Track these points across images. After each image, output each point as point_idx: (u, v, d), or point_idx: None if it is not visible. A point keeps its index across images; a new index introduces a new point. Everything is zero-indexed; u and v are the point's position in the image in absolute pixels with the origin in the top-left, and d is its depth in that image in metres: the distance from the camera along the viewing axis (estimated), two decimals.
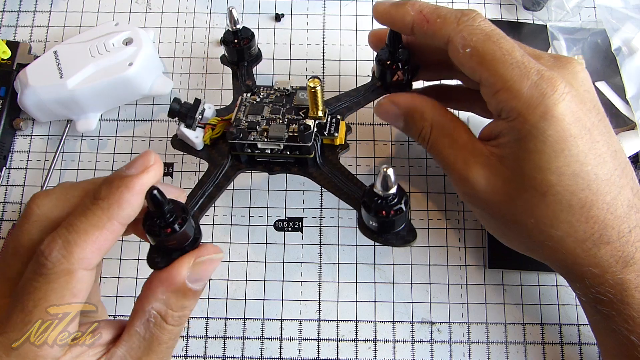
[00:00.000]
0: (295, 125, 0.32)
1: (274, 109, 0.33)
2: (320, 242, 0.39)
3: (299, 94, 0.33)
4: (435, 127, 0.31)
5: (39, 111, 0.39)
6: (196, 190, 0.31)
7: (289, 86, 0.34)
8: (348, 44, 0.43)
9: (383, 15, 0.31)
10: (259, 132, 0.32)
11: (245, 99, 0.34)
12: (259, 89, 0.34)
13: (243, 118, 0.33)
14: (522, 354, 0.37)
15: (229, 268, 0.38)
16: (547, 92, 0.26)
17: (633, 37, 0.41)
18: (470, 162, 0.29)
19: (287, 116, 0.33)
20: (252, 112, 0.33)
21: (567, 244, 0.28)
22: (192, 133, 0.32)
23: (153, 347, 0.25)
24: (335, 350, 0.37)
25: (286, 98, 0.34)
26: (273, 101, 0.34)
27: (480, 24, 0.28)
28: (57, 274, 0.22)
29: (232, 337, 0.37)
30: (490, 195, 0.29)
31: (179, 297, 0.25)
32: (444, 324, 0.37)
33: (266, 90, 0.34)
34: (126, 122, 0.42)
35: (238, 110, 0.33)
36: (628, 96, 0.39)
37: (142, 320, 0.24)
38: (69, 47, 0.39)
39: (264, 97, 0.34)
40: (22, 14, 0.44)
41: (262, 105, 0.33)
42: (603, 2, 0.42)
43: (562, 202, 0.27)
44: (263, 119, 0.32)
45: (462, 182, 0.30)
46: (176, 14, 0.44)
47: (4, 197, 0.40)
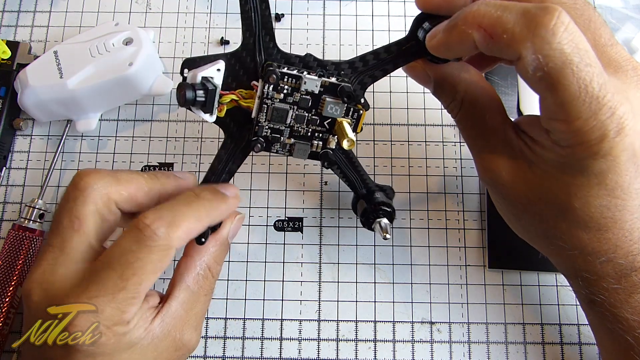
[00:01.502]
0: (319, 141, 0.31)
1: (298, 117, 0.30)
2: (320, 242, 0.39)
3: (328, 106, 0.29)
4: (467, 101, 0.28)
5: (39, 111, 0.39)
6: (215, 165, 0.31)
7: (317, 86, 0.29)
8: (348, 44, 0.43)
9: (440, 47, 0.27)
10: (282, 145, 0.31)
11: (267, 93, 0.29)
12: (283, 80, 0.29)
13: (265, 124, 0.30)
14: (522, 354, 0.37)
15: (229, 268, 0.38)
16: (609, 134, 0.23)
17: (633, 37, 0.41)
18: (498, 151, 0.28)
19: (312, 127, 0.30)
20: (275, 119, 0.30)
21: (572, 254, 0.28)
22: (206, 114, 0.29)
23: (199, 298, 0.30)
24: (335, 350, 0.37)
25: (312, 100, 0.30)
26: (298, 103, 0.30)
27: (562, 40, 0.22)
28: (159, 247, 0.26)
29: (232, 337, 0.37)
30: (508, 192, 0.28)
31: (223, 249, 0.31)
32: (444, 324, 0.37)
33: (291, 82, 0.29)
34: (126, 122, 0.42)
35: (259, 108, 0.30)
36: None
37: (192, 274, 0.29)
38: (69, 47, 0.39)
39: (287, 95, 0.29)
40: (22, 14, 0.44)
41: (286, 110, 0.30)
42: (603, 2, 0.42)
43: (580, 223, 0.27)
44: (287, 127, 0.30)
45: (485, 169, 0.29)
46: (176, 14, 0.44)
47: (4, 197, 0.40)
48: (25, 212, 0.38)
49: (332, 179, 0.40)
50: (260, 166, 0.40)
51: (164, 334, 0.28)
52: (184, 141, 0.41)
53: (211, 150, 0.41)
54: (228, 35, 0.43)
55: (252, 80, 0.30)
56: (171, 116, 0.42)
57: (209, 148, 0.41)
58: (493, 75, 0.42)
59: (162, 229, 0.26)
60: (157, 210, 0.27)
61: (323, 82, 0.29)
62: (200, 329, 0.30)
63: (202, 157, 0.41)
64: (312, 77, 0.29)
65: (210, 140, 0.41)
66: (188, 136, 0.41)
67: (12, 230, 0.37)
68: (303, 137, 0.31)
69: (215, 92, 0.28)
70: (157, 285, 0.37)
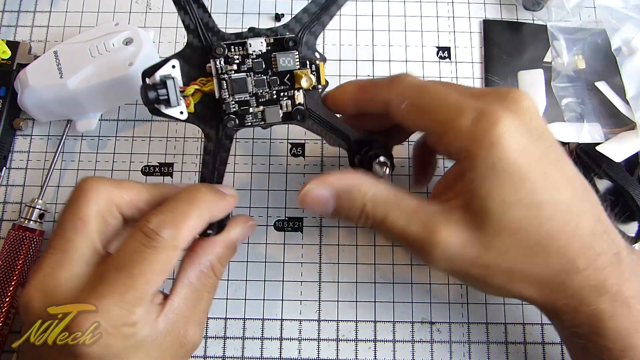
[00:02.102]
0: (287, 100, 0.31)
1: (257, 82, 0.31)
2: (320, 242, 0.39)
3: (279, 59, 0.30)
4: (379, 201, 0.28)
5: (39, 111, 0.39)
6: (208, 161, 0.32)
7: (263, 44, 0.30)
8: (348, 44, 0.43)
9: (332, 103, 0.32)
10: (253, 115, 0.31)
11: (221, 69, 0.30)
12: (230, 50, 0.30)
13: (229, 99, 0.31)
14: (522, 354, 0.37)
15: (229, 268, 0.38)
16: (487, 127, 0.26)
17: (633, 37, 0.41)
18: (431, 225, 0.27)
19: (274, 88, 0.31)
20: (237, 91, 0.31)
21: (546, 279, 0.27)
22: (175, 110, 0.30)
23: (202, 295, 0.30)
24: (335, 350, 0.37)
25: (264, 62, 0.31)
26: (253, 69, 0.30)
27: (412, 80, 0.29)
28: (165, 248, 0.26)
29: (232, 337, 0.37)
30: (463, 252, 0.27)
31: (229, 251, 0.32)
32: (444, 324, 0.37)
33: (238, 51, 0.30)
34: (126, 122, 0.42)
35: (219, 85, 0.30)
36: (628, 96, 0.39)
37: (195, 271, 0.30)
38: (69, 47, 0.39)
39: (240, 64, 0.30)
40: (22, 14, 0.44)
41: (244, 78, 0.30)
42: (603, 2, 0.42)
43: (532, 237, 0.26)
44: (251, 95, 0.31)
45: (430, 251, 0.27)
46: (176, 14, 0.44)
47: (4, 197, 0.40)
48: (25, 212, 0.38)
49: None
50: (260, 166, 0.40)
51: (167, 330, 0.28)
52: (184, 141, 0.41)
53: None
54: None
55: (207, 67, 0.31)
56: None
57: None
58: (493, 76, 0.42)
59: (167, 230, 0.26)
60: (159, 212, 0.27)
61: (267, 40, 0.30)
62: (203, 325, 0.31)
63: (202, 157, 0.41)
64: (256, 38, 0.30)
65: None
66: (188, 136, 0.41)
67: (12, 230, 0.37)
68: (270, 101, 0.31)
69: (174, 82, 0.29)
70: None
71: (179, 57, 0.30)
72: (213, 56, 0.30)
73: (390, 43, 0.43)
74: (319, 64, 0.31)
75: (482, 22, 0.44)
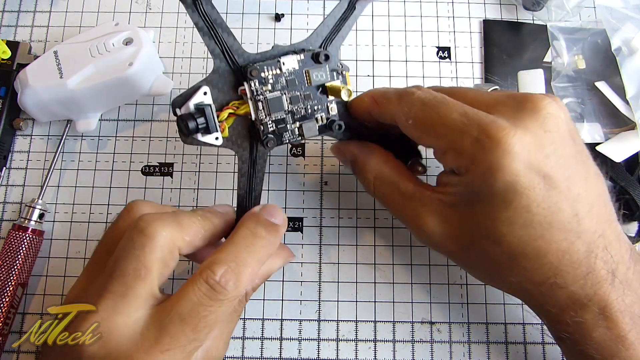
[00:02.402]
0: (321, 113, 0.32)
1: (292, 99, 0.31)
2: (320, 242, 0.39)
3: (313, 74, 0.31)
4: (379, 178, 0.31)
5: (39, 111, 0.39)
6: (244, 183, 0.32)
7: (295, 61, 0.31)
8: (348, 44, 0.43)
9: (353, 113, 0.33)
10: (290, 132, 0.32)
11: (256, 90, 0.30)
12: (264, 71, 0.31)
13: (267, 119, 0.31)
14: (522, 354, 0.37)
15: None
16: (489, 147, 0.26)
17: (633, 37, 0.41)
18: (421, 212, 0.29)
19: (309, 104, 0.32)
20: (273, 110, 0.31)
21: (524, 286, 0.28)
22: (211, 136, 0.30)
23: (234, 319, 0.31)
24: (335, 350, 0.37)
25: (298, 78, 0.31)
26: (287, 87, 0.31)
27: (419, 95, 0.29)
28: (230, 300, 0.27)
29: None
30: (445, 242, 0.29)
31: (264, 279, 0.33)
32: (444, 324, 0.37)
33: (272, 70, 0.31)
34: (126, 122, 0.42)
35: (255, 107, 0.31)
36: (628, 96, 0.39)
37: None
38: (69, 47, 0.39)
39: (274, 83, 0.31)
40: (22, 14, 0.44)
41: (279, 97, 0.31)
42: (603, 2, 0.42)
43: (516, 252, 0.27)
44: (287, 113, 0.31)
45: (417, 232, 0.30)
46: (176, 14, 0.44)
47: (4, 197, 0.40)
48: (25, 212, 0.38)
49: (332, 179, 0.40)
50: None
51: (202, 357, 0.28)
52: None
53: (211, 151, 0.41)
54: None
55: (238, 91, 0.31)
56: (171, 116, 0.42)
57: (209, 148, 0.41)
58: (493, 76, 0.42)
59: (231, 282, 0.27)
60: (223, 262, 0.27)
61: (298, 57, 0.31)
62: (228, 343, 0.31)
63: (202, 157, 0.41)
64: (289, 56, 0.31)
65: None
66: None
67: (12, 230, 0.37)
68: (305, 117, 0.32)
69: (211, 108, 0.30)
70: None
71: (207, 83, 0.30)
72: (248, 78, 0.30)
73: (390, 43, 0.43)
74: (345, 73, 0.32)
75: (482, 22, 0.44)
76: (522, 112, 0.27)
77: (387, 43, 0.43)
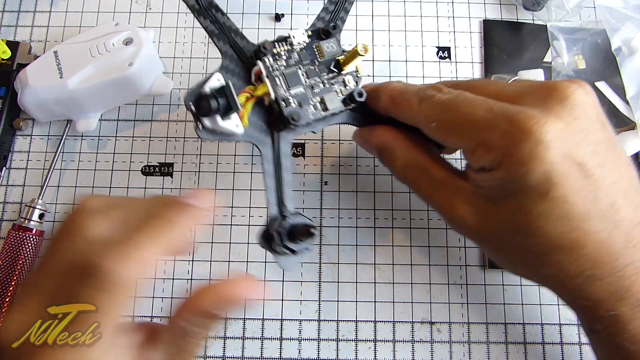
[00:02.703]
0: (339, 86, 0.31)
1: (309, 72, 0.31)
2: (320, 242, 0.39)
3: (324, 46, 0.31)
4: (409, 165, 0.31)
5: (39, 111, 0.39)
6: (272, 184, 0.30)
7: (304, 36, 0.31)
8: (348, 44, 0.43)
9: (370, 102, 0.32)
10: (313, 106, 0.30)
11: (271, 67, 0.30)
12: (276, 47, 0.31)
13: (287, 94, 0.30)
14: (522, 354, 0.37)
15: (229, 268, 0.38)
16: (520, 137, 0.25)
17: (633, 37, 0.41)
18: (454, 201, 0.29)
19: (325, 77, 0.31)
20: (292, 84, 0.30)
21: (558, 279, 0.27)
22: (231, 122, 0.28)
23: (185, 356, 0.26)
24: (335, 350, 0.37)
25: (309, 52, 0.31)
26: (301, 62, 0.31)
27: (440, 98, 0.28)
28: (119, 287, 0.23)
29: (232, 337, 0.37)
30: (477, 231, 0.28)
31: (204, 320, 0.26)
32: (444, 324, 0.37)
33: (283, 46, 0.31)
34: (126, 122, 0.42)
35: (273, 83, 0.30)
36: (628, 96, 0.39)
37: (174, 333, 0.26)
38: (69, 47, 0.39)
39: (288, 58, 0.31)
40: (22, 14, 0.44)
41: (295, 70, 0.30)
42: (603, 2, 0.42)
43: (552, 244, 0.26)
44: (306, 88, 0.31)
45: (448, 219, 0.29)
46: (176, 14, 0.44)
47: (4, 197, 0.40)
48: (25, 212, 0.38)
49: (332, 179, 0.40)
50: (259, 166, 0.40)
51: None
52: (184, 141, 0.41)
53: (211, 151, 0.41)
54: None
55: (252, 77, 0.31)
56: (171, 116, 0.42)
57: (209, 148, 0.41)
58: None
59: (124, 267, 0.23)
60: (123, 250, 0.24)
61: (307, 32, 0.32)
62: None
63: (202, 157, 0.41)
64: (296, 30, 0.31)
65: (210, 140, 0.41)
66: (188, 136, 0.41)
67: (12, 230, 0.37)
68: (324, 90, 0.31)
69: (229, 86, 0.28)
70: None
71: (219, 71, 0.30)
72: (262, 53, 0.30)
73: (390, 43, 0.43)
74: (353, 48, 0.31)
75: (482, 22, 0.44)
76: (550, 100, 0.26)
77: (387, 43, 0.43)
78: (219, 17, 0.31)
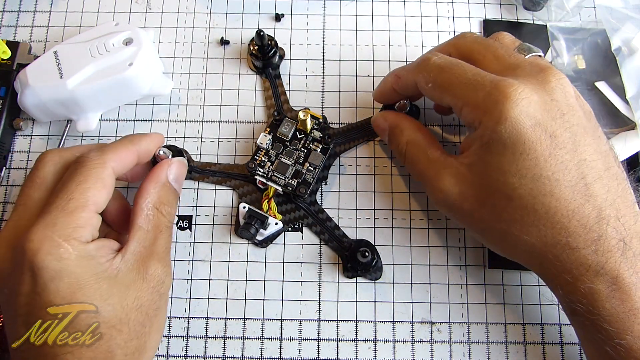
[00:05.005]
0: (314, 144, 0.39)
1: (288, 153, 0.38)
2: (320, 242, 0.39)
3: (282, 131, 0.38)
4: (411, 143, 0.35)
5: (39, 111, 0.39)
6: None
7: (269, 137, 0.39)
8: (348, 44, 0.43)
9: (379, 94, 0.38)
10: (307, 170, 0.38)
11: (266, 173, 0.38)
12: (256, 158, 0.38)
13: (286, 180, 0.37)
14: (522, 354, 0.37)
15: (229, 268, 0.38)
16: (500, 99, 0.28)
17: (633, 37, 0.41)
18: (441, 173, 0.32)
19: (299, 145, 0.38)
20: (284, 171, 0.38)
21: (538, 248, 0.29)
22: (271, 226, 0.38)
23: (157, 235, 0.32)
24: (335, 350, 0.37)
25: (277, 140, 0.39)
26: (278, 152, 0.38)
27: (435, 61, 0.32)
28: (94, 165, 0.30)
29: (232, 337, 0.37)
30: (461, 203, 0.31)
31: (167, 190, 0.33)
32: (444, 324, 0.37)
33: (260, 155, 0.38)
34: (126, 122, 0.42)
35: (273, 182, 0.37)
36: (628, 96, 0.39)
37: (141, 216, 0.31)
38: (69, 47, 0.39)
39: (269, 158, 0.38)
40: (22, 14, 0.44)
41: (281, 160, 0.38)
42: (603, 2, 0.42)
43: (527, 206, 0.28)
44: (294, 164, 0.38)
45: (435, 192, 0.32)
46: (176, 14, 0.44)
47: (4, 197, 0.40)
48: None
49: (332, 179, 0.40)
50: None
51: (128, 268, 0.29)
52: (184, 141, 0.41)
53: (211, 151, 0.41)
54: (228, 35, 0.43)
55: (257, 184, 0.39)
56: (171, 116, 0.42)
57: (209, 148, 0.41)
58: None
59: (92, 153, 0.31)
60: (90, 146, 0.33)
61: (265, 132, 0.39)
62: (165, 262, 0.32)
63: (202, 157, 0.41)
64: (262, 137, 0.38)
65: (210, 140, 0.41)
66: (188, 136, 0.41)
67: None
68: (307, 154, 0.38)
69: (252, 209, 0.37)
70: None
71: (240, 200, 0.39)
72: (253, 169, 0.37)
73: (390, 43, 0.43)
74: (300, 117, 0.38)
75: (482, 22, 0.44)
76: (534, 77, 0.30)
77: (387, 43, 0.43)
78: None
